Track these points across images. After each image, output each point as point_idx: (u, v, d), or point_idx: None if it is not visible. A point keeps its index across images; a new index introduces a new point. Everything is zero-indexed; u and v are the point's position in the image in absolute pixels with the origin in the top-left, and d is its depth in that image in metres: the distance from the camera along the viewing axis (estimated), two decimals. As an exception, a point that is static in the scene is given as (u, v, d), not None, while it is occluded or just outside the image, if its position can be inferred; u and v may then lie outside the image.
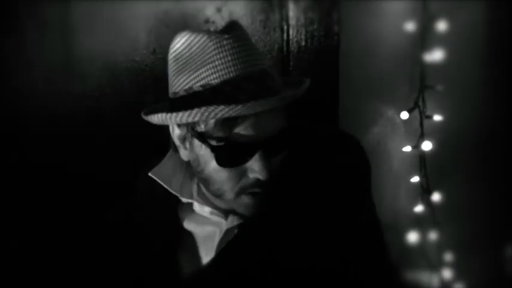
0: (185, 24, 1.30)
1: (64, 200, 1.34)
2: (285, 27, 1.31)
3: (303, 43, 1.32)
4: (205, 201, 0.92)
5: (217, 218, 0.92)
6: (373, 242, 0.90)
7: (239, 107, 0.74)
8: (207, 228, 0.96)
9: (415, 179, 1.50)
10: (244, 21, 1.30)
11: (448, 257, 1.55)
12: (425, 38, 1.42)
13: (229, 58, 0.78)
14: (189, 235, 1.03)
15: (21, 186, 1.33)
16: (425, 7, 1.41)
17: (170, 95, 0.84)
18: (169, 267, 1.04)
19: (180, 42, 0.81)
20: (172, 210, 0.96)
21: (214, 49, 0.77)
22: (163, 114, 0.79)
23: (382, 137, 1.48)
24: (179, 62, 0.81)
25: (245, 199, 0.84)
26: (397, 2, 1.42)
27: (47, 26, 1.30)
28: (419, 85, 1.44)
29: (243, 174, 0.82)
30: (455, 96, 1.45)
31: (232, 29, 0.81)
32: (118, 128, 1.33)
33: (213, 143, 0.80)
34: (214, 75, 0.78)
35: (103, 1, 1.29)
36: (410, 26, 1.43)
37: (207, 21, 1.30)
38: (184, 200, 0.94)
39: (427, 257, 1.54)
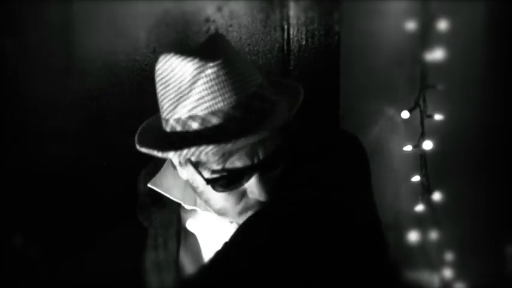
0: (185, 23, 1.30)
1: (64, 199, 1.34)
2: (286, 27, 1.31)
3: (304, 42, 1.32)
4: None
5: (221, 220, 0.92)
6: (373, 241, 0.90)
7: (229, 146, 0.73)
8: (210, 231, 0.96)
9: (416, 178, 1.50)
10: (245, 21, 1.30)
11: (449, 256, 1.55)
12: (426, 37, 1.42)
13: (215, 88, 0.75)
14: (192, 236, 1.03)
15: (20, 186, 1.33)
16: (425, 6, 1.41)
17: (162, 119, 0.82)
18: (170, 268, 1.05)
19: (164, 66, 0.78)
20: (175, 210, 0.96)
21: (199, 79, 0.75)
22: (154, 151, 0.77)
23: (382, 136, 1.48)
24: (166, 87, 0.79)
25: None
26: (398, 1, 1.42)
27: (47, 25, 1.30)
28: (419, 84, 1.44)
29: (243, 194, 0.82)
30: (456, 95, 1.45)
31: (216, 49, 0.78)
32: (119, 127, 1.33)
33: (207, 173, 0.79)
34: (201, 107, 0.75)
35: (103, 0, 1.29)
36: (410, 25, 1.43)
37: (207, 20, 1.30)
38: (187, 207, 0.94)
39: (427, 257, 1.54)
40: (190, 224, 0.98)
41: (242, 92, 0.76)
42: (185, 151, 0.74)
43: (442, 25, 1.42)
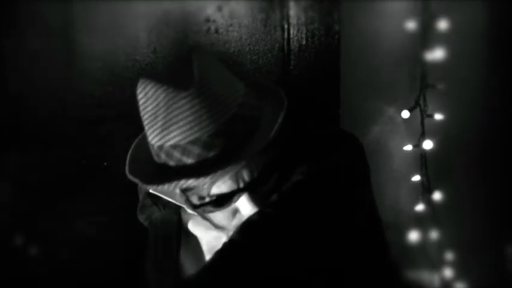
0: (185, 23, 1.30)
1: (64, 199, 1.34)
2: (286, 26, 1.31)
3: (304, 42, 1.32)
4: None
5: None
6: (373, 240, 0.90)
7: (207, 179, 0.73)
8: (211, 232, 0.96)
9: (416, 178, 1.50)
10: (245, 20, 1.30)
11: (449, 256, 1.55)
12: (426, 37, 1.42)
13: (190, 119, 0.74)
14: (193, 237, 1.03)
15: (20, 186, 1.33)
16: (426, 6, 1.41)
17: (148, 143, 0.81)
18: (170, 268, 1.05)
19: (142, 93, 0.79)
20: (176, 211, 0.96)
21: (173, 110, 0.74)
22: (139, 183, 0.78)
23: (383, 136, 1.48)
24: (145, 113, 0.78)
25: None
26: (398, 0, 1.42)
27: (48, 25, 1.30)
28: (420, 84, 1.44)
29: (236, 210, 0.82)
30: (456, 95, 1.45)
31: (190, 72, 0.76)
32: (119, 126, 1.33)
33: (196, 198, 0.80)
34: (180, 137, 0.75)
35: (104, 0, 1.29)
36: (411, 25, 1.43)
37: (207, 20, 1.30)
38: (189, 211, 0.94)
39: (428, 256, 1.54)
40: (191, 225, 0.98)
41: (220, 118, 0.74)
42: (166, 185, 0.74)
43: (442, 25, 1.42)
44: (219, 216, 0.83)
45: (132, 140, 0.89)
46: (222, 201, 0.80)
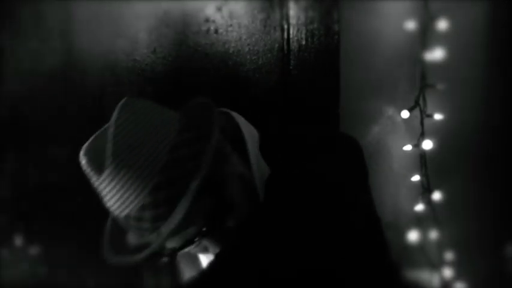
0: (185, 23, 1.30)
1: (65, 199, 1.34)
2: (286, 26, 1.31)
3: (304, 42, 1.32)
4: None
5: None
6: (373, 240, 0.90)
7: (141, 255, 0.76)
8: None
9: (416, 178, 1.50)
10: (245, 20, 1.30)
11: (449, 256, 1.55)
12: (425, 37, 1.42)
13: (114, 199, 0.76)
14: None
15: (20, 186, 1.33)
16: (425, 6, 1.41)
17: None
18: (167, 270, 1.05)
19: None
20: None
21: (101, 190, 0.77)
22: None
23: (382, 136, 1.47)
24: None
25: None
26: (398, 1, 1.42)
27: (47, 25, 1.30)
28: (419, 84, 1.44)
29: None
30: (456, 95, 1.45)
31: (104, 154, 0.76)
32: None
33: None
34: (116, 212, 0.78)
35: (103, 0, 1.29)
36: (410, 25, 1.43)
37: (207, 20, 1.30)
38: None
39: (427, 256, 1.54)
40: None
41: (142, 190, 0.75)
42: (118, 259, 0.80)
43: (442, 25, 1.42)
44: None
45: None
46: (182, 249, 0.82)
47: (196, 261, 1.04)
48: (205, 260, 1.01)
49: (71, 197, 1.33)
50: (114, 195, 0.76)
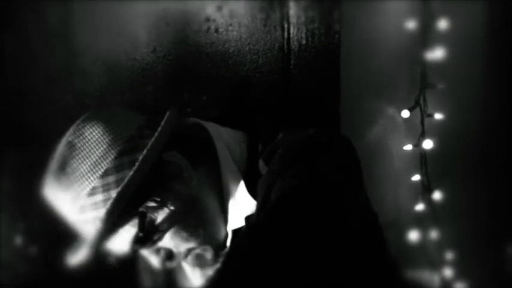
0: (185, 22, 1.30)
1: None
2: (286, 26, 1.31)
3: (304, 41, 1.32)
4: None
5: None
6: (373, 240, 0.90)
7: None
8: None
9: (416, 177, 1.50)
10: (245, 20, 1.30)
11: (449, 255, 1.55)
12: (426, 37, 1.42)
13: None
14: None
15: (20, 187, 1.33)
16: (426, 5, 1.41)
17: None
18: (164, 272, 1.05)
19: None
20: None
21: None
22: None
23: (383, 136, 1.47)
24: None
25: None
26: (398, 0, 1.42)
27: (47, 24, 1.30)
28: (420, 83, 1.44)
29: None
30: (456, 94, 1.45)
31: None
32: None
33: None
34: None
35: (103, 0, 1.29)
36: (411, 25, 1.42)
37: (207, 19, 1.30)
38: None
39: (427, 256, 1.54)
40: None
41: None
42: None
43: (443, 24, 1.42)
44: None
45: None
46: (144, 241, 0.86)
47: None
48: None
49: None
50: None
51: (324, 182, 0.82)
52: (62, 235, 1.34)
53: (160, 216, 0.85)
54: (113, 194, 0.80)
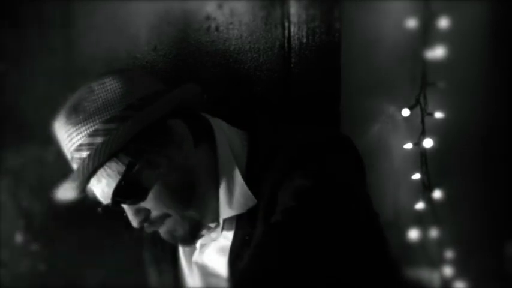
0: (186, 21, 1.30)
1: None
2: (287, 24, 1.31)
3: (304, 40, 1.32)
4: None
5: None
6: (375, 239, 0.90)
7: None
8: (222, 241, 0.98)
9: (416, 176, 1.50)
10: (245, 18, 1.30)
11: (449, 254, 1.55)
12: (427, 35, 1.42)
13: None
14: None
15: (19, 187, 1.33)
16: (426, 4, 1.41)
17: None
18: (168, 261, 1.06)
19: None
20: None
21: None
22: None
23: (383, 134, 1.47)
24: None
25: None
26: (399, -1, 1.42)
27: (47, 23, 1.30)
28: (420, 82, 1.44)
29: None
30: (456, 93, 1.45)
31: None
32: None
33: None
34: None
35: (104, -2, 1.29)
36: (412, 23, 1.43)
37: (208, 18, 1.30)
38: None
39: (427, 254, 1.54)
40: None
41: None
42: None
43: (443, 23, 1.42)
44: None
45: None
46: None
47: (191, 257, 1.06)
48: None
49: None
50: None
51: (335, 183, 0.84)
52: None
53: (147, 174, 0.88)
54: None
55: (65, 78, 1.31)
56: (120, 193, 0.88)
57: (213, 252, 1.01)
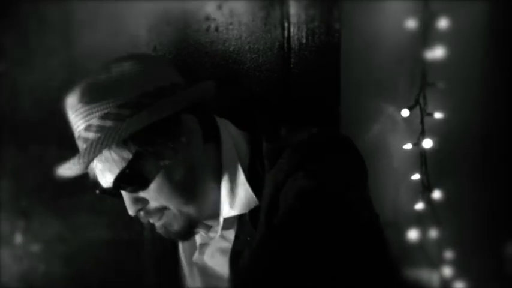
0: (185, 21, 1.30)
1: (66, 200, 1.34)
2: (286, 25, 1.31)
3: (304, 40, 1.32)
4: None
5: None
6: (375, 239, 0.90)
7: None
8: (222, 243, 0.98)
9: (416, 176, 1.50)
10: (245, 18, 1.30)
11: (449, 254, 1.55)
12: (426, 35, 1.42)
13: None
14: None
15: (19, 187, 1.33)
16: (426, 4, 1.41)
17: None
18: (168, 255, 1.06)
19: None
20: None
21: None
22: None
23: (382, 135, 1.47)
24: None
25: None
26: (399, -1, 1.42)
27: (47, 23, 1.30)
28: (420, 82, 1.44)
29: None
30: (456, 93, 1.45)
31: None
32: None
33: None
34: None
35: (104, -2, 1.29)
36: (411, 23, 1.42)
37: (207, 18, 1.30)
38: None
39: (427, 255, 1.54)
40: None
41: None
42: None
43: (443, 23, 1.41)
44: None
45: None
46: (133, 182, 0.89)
47: (193, 243, 1.06)
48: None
49: (71, 195, 1.33)
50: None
51: (336, 184, 0.83)
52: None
53: (152, 165, 0.87)
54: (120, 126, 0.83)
55: (65, 78, 1.31)
56: (123, 180, 0.87)
57: (214, 252, 1.01)
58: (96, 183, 0.93)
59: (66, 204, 1.34)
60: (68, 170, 0.90)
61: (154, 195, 0.90)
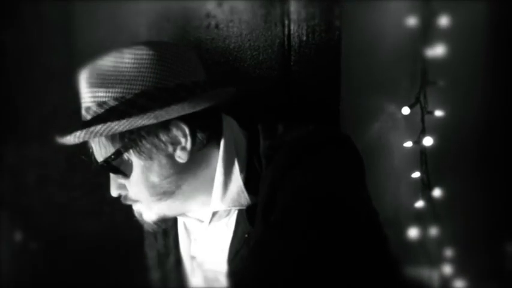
0: (186, 18, 1.30)
1: (63, 195, 1.34)
2: (286, 22, 1.30)
3: (304, 38, 1.31)
4: None
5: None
6: (372, 237, 0.90)
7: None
8: (200, 224, 0.98)
9: (416, 174, 1.50)
10: (245, 16, 1.30)
11: (448, 252, 1.55)
12: (427, 34, 1.42)
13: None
14: (191, 231, 1.04)
15: (19, 186, 1.33)
16: (427, 2, 1.41)
17: None
18: (170, 254, 1.06)
19: None
20: None
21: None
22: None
23: (383, 133, 1.47)
24: None
25: None
26: (399, -3, 1.42)
27: (47, 21, 1.29)
28: (420, 80, 1.44)
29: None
30: (456, 91, 1.45)
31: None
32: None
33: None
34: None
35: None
36: (412, 21, 1.42)
37: (208, 15, 1.30)
38: None
39: (427, 253, 1.54)
40: (185, 220, 1.00)
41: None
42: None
43: (443, 21, 1.41)
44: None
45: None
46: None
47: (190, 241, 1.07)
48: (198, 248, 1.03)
49: (70, 193, 1.33)
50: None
51: (335, 182, 0.83)
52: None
53: (133, 161, 0.90)
54: (112, 120, 0.84)
55: (65, 78, 1.31)
56: (106, 166, 0.90)
57: (210, 249, 1.01)
58: (92, 157, 0.96)
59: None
60: (68, 138, 0.90)
61: (130, 186, 0.93)
